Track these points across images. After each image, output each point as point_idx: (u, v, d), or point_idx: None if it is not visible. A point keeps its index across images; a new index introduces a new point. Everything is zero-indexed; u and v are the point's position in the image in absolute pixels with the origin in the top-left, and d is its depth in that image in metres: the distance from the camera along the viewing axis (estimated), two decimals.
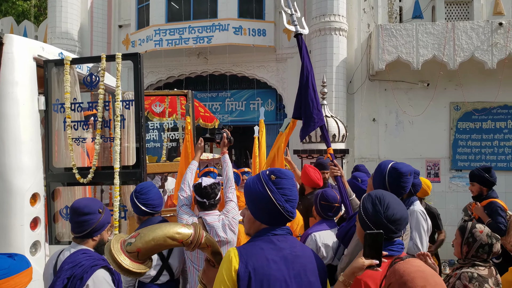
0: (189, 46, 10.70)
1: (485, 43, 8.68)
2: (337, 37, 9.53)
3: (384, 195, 2.02)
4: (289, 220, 1.81)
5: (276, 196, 1.76)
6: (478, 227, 2.65)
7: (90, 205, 2.41)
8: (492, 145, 9.48)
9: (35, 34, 12.67)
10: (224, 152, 3.61)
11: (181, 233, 1.70)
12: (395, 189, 2.61)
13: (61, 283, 2.16)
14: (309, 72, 3.38)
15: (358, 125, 9.88)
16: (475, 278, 2.44)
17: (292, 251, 1.75)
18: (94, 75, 3.68)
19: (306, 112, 3.38)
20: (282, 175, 1.80)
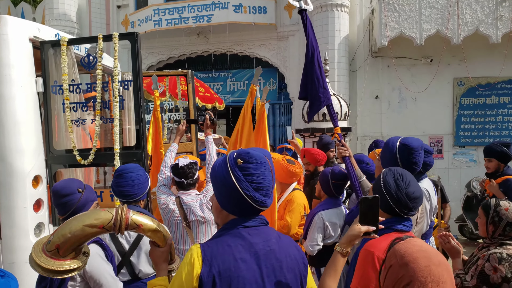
0: (188, 25, 10.56)
1: (489, 17, 8.51)
2: (339, 14, 9.37)
3: (404, 171, 1.98)
4: (261, 210, 1.59)
5: (242, 185, 1.51)
6: (503, 204, 2.50)
7: (68, 186, 2.41)
8: (495, 121, 9.41)
9: (33, 16, 12.53)
10: (207, 133, 3.71)
11: (99, 218, 1.56)
12: (408, 166, 2.53)
13: None
14: (315, 49, 3.24)
15: (361, 102, 9.81)
16: (504, 259, 2.32)
17: (266, 245, 1.54)
18: (92, 56, 3.64)
19: (312, 91, 3.25)
20: (251, 158, 1.54)
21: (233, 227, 1.54)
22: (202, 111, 3.76)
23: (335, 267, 1.70)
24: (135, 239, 2.64)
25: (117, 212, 1.58)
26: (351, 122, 9.41)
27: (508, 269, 2.27)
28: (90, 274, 2.22)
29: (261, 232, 1.56)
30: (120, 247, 2.67)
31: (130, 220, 1.59)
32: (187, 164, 3.18)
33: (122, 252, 2.67)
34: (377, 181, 2.01)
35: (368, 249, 1.83)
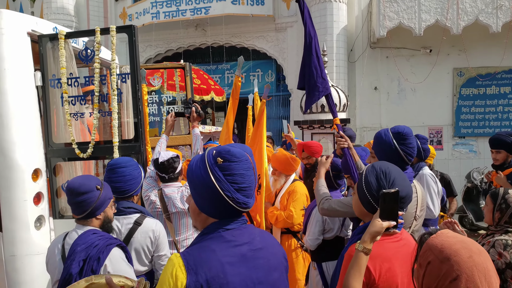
0: (186, 18, 10.53)
1: (489, 6, 8.47)
2: (337, 4, 9.33)
3: (390, 169, 1.87)
4: (243, 212, 1.48)
5: (223, 186, 1.39)
6: (510, 191, 2.57)
7: (85, 183, 2.23)
8: (496, 111, 9.40)
9: (31, 10, 12.49)
10: (194, 126, 3.68)
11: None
12: (409, 153, 2.48)
13: (77, 266, 2.02)
14: (313, 38, 3.15)
15: (360, 94, 9.80)
16: (509, 245, 2.38)
17: (252, 245, 1.44)
18: (90, 49, 3.64)
19: (310, 81, 3.16)
20: (232, 157, 1.41)
21: (214, 231, 1.43)
22: (188, 104, 3.72)
23: (359, 267, 1.62)
24: (126, 235, 2.55)
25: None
26: (350, 113, 9.41)
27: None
28: None
29: (245, 232, 1.46)
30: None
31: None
32: (167, 159, 3.16)
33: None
34: (360, 179, 1.91)
35: (351, 254, 1.74)
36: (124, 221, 2.57)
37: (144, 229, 2.56)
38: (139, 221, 2.57)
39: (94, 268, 2.03)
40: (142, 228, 2.56)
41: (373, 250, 1.69)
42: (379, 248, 1.74)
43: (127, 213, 2.59)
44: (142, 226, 2.57)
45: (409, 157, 2.51)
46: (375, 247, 1.71)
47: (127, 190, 2.62)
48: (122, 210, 2.58)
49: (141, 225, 2.56)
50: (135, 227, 2.56)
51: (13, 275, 3.28)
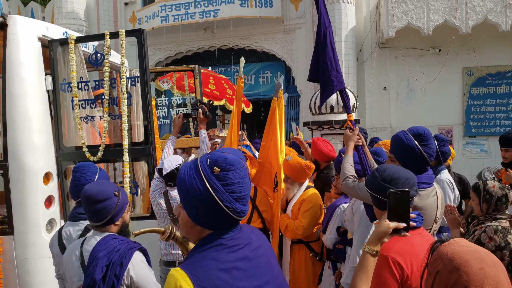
0: (195, 21, 10.59)
1: (498, 5, 8.39)
2: (345, 5, 9.32)
3: (388, 166, 1.93)
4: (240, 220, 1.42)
5: (222, 197, 1.31)
6: (490, 183, 2.82)
7: (104, 190, 2.17)
8: (506, 110, 9.31)
9: (42, 15, 12.66)
10: (201, 127, 3.67)
11: None
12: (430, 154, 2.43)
13: (100, 271, 1.99)
14: (327, 29, 2.95)
15: (369, 94, 9.77)
16: (499, 230, 2.62)
17: (252, 245, 1.40)
18: (100, 53, 3.69)
19: (324, 74, 2.97)
20: (229, 165, 1.33)
21: (213, 241, 1.35)
22: (195, 106, 3.73)
23: (366, 269, 1.57)
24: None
25: None
26: (359, 114, 9.38)
27: (501, 239, 2.59)
28: (137, 285, 2.10)
29: (242, 235, 1.41)
30: (63, 249, 2.42)
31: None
32: (170, 172, 3.15)
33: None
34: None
35: (382, 253, 1.70)
36: (76, 227, 2.50)
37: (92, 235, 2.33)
38: (89, 226, 2.41)
39: (118, 273, 2.01)
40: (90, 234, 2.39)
41: (402, 246, 1.67)
42: (407, 244, 1.70)
43: (80, 218, 2.49)
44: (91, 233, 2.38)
45: (430, 158, 2.46)
46: (402, 243, 1.67)
47: (77, 195, 2.45)
48: (75, 216, 2.53)
49: (90, 230, 2.35)
50: (84, 232, 2.45)
51: (25, 278, 3.33)
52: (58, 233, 2.53)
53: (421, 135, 2.44)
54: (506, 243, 2.57)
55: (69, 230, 2.49)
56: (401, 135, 2.49)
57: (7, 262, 3.30)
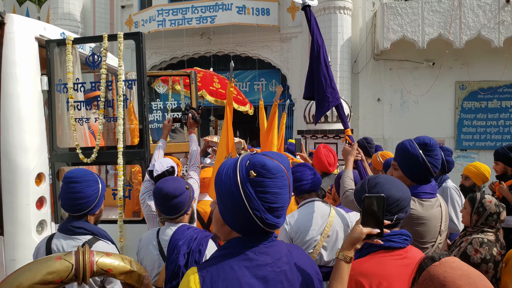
0: (192, 26, 10.62)
1: (492, 21, 8.54)
2: (342, 16, 9.41)
3: (379, 178, 1.80)
4: (272, 232, 1.33)
5: (252, 204, 1.24)
6: (487, 197, 2.83)
7: (178, 186, 2.32)
8: (497, 125, 9.43)
9: (37, 15, 12.60)
10: (191, 132, 3.68)
11: (55, 271, 1.28)
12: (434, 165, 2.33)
13: (183, 258, 2.12)
14: (321, 47, 3.00)
15: (363, 105, 9.84)
16: (485, 243, 2.65)
17: (276, 266, 1.30)
18: (97, 55, 3.67)
19: (319, 91, 3.00)
20: (267, 172, 1.24)
21: (237, 247, 1.30)
22: (185, 110, 3.74)
23: (341, 276, 1.50)
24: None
25: (78, 259, 1.31)
26: (353, 124, 9.44)
27: (487, 252, 2.62)
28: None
29: (270, 250, 1.31)
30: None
31: (95, 266, 1.34)
32: (161, 173, 3.09)
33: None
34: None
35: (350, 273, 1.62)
36: (72, 242, 2.22)
37: None
38: (88, 244, 2.21)
39: (197, 259, 2.14)
40: None
41: (371, 266, 1.62)
42: (378, 265, 1.64)
43: (76, 233, 2.24)
44: None
45: (435, 169, 2.36)
46: (373, 263, 1.63)
47: (78, 208, 2.26)
48: (71, 229, 2.24)
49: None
50: None
51: None
52: (46, 245, 2.26)
53: (427, 144, 2.35)
54: (491, 255, 2.61)
55: (62, 244, 2.24)
56: (407, 143, 2.42)
57: None
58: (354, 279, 1.59)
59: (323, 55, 2.99)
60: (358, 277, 1.60)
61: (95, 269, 1.34)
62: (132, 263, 1.45)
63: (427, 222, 2.15)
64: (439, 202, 2.35)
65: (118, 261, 1.41)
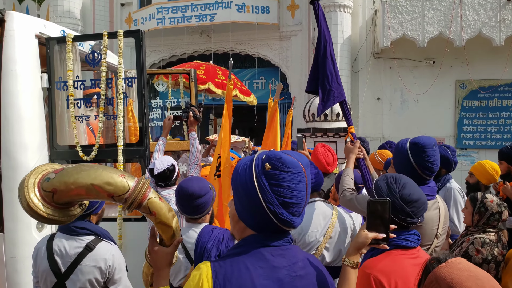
0: (191, 24, 10.60)
1: (493, 19, 8.53)
2: (342, 14, 9.39)
3: (401, 176, 1.79)
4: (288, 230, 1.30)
5: (266, 197, 1.22)
6: (489, 197, 2.80)
7: (203, 185, 2.33)
8: (498, 124, 9.42)
9: (37, 13, 12.57)
10: (191, 130, 3.68)
11: (114, 184, 1.28)
12: (425, 166, 2.27)
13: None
14: (328, 42, 2.95)
15: (363, 103, 9.83)
16: (487, 243, 2.63)
17: (291, 270, 1.26)
18: (97, 53, 3.67)
19: (324, 85, 2.94)
20: (282, 165, 1.23)
21: (252, 245, 1.27)
22: (186, 108, 3.74)
23: (348, 282, 1.48)
24: (73, 261, 2.20)
25: (136, 186, 1.31)
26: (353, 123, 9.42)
27: (489, 252, 2.60)
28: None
29: (287, 253, 1.28)
30: (55, 267, 2.20)
31: (146, 201, 1.33)
32: (162, 172, 3.15)
33: (57, 273, 2.20)
34: (371, 188, 1.84)
35: (366, 271, 1.62)
36: (74, 243, 2.20)
37: (94, 256, 2.18)
38: (91, 245, 2.21)
39: None
40: (93, 255, 2.19)
41: (388, 264, 1.61)
42: (395, 263, 1.63)
43: (79, 233, 2.22)
44: (93, 253, 2.19)
45: (426, 172, 2.28)
46: (389, 261, 1.62)
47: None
48: (73, 229, 2.21)
49: (93, 250, 2.19)
50: (85, 252, 2.19)
51: (14, 277, 3.27)
52: (47, 245, 2.23)
53: (417, 144, 2.29)
54: (493, 256, 2.59)
55: (64, 245, 2.20)
56: (400, 143, 2.42)
57: None
58: (372, 277, 1.58)
59: (330, 50, 2.95)
60: (377, 274, 1.58)
61: (143, 203, 1.33)
62: (174, 221, 1.43)
63: (422, 225, 2.06)
64: (437, 204, 2.31)
65: (165, 210, 1.39)
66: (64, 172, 1.29)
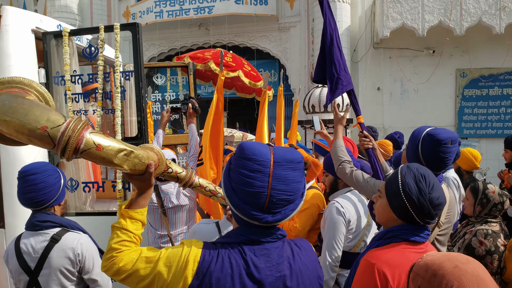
0: (190, 17, 10.55)
1: (493, 7, 8.46)
2: (341, 4, 9.34)
3: (426, 171, 1.66)
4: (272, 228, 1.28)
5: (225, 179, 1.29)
6: (490, 187, 2.77)
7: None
8: (498, 112, 9.39)
9: (34, 8, 12.51)
10: (190, 122, 3.67)
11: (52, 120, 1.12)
12: (432, 162, 2.14)
13: None
14: (334, 31, 2.90)
15: (362, 94, 9.80)
16: (489, 235, 2.61)
17: (275, 270, 1.25)
18: (94, 47, 3.65)
19: (332, 74, 2.89)
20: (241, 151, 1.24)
21: (237, 238, 1.26)
22: (185, 100, 3.74)
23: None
24: (40, 256, 2.14)
25: (68, 124, 1.13)
26: (352, 113, 9.40)
27: (492, 243, 2.57)
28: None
29: (271, 252, 1.26)
30: (24, 265, 2.14)
31: (83, 143, 1.14)
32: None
33: (28, 271, 2.15)
34: (394, 180, 1.68)
35: (370, 261, 1.59)
36: (40, 237, 2.14)
37: (61, 247, 2.12)
38: (56, 237, 2.14)
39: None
40: (59, 246, 2.12)
41: (394, 257, 1.58)
42: (401, 256, 1.59)
43: (43, 227, 2.15)
44: (60, 244, 2.12)
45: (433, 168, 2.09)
46: (396, 254, 1.59)
47: (42, 200, 2.16)
48: (37, 224, 2.15)
49: (58, 242, 2.12)
50: (51, 244, 2.12)
51: None
52: (15, 246, 2.18)
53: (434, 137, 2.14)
54: (496, 247, 2.56)
55: (30, 242, 2.14)
56: (416, 131, 2.29)
57: None
58: (376, 268, 1.56)
59: (336, 39, 2.91)
60: (381, 266, 1.56)
61: (81, 146, 1.14)
62: (128, 145, 1.26)
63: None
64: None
65: (111, 141, 1.22)
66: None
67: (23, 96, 1.17)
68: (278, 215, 1.23)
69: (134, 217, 1.34)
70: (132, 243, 1.32)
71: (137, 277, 1.24)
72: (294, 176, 1.24)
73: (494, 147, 8.87)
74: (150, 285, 1.23)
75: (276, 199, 1.21)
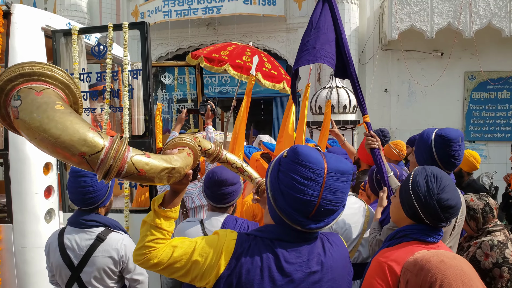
0: (198, 16, 10.57)
1: (503, 10, 8.39)
2: (349, 6, 9.32)
3: (442, 174, 1.67)
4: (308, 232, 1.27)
5: (271, 180, 1.27)
6: (466, 197, 2.62)
7: (235, 175, 2.28)
8: (507, 116, 9.31)
9: (44, 6, 12.61)
10: (208, 123, 3.71)
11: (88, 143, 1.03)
12: (447, 161, 2.18)
13: None
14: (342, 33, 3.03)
15: (370, 95, 9.77)
16: (496, 246, 2.45)
17: (306, 266, 1.26)
18: (102, 45, 3.68)
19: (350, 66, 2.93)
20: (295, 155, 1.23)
21: (271, 234, 1.28)
22: (204, 102, 3.77)
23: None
24: (85, 253, 2.22)
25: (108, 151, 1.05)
26: (360, 115, 9.37)
27: (499, 255, 2.39)
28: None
29: (302, 248, 1.28)
30: (68, 261, 2.23)
31: (125, 170, 1.08)
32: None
33: (71, 267, 2.23)
34: (407, 179, 1.71)
35: (380, 259, 1.61)
36: (85, 235, 2.23)
37: (106, 247, 2.21)
38: (101, 236, 2.23)
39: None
40: (104, 246, 2.21)
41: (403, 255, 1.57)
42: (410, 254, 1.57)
43: (88, 226, 2.24)
44: (105, 243, 2.21)
45: (447, 167, 2.19)
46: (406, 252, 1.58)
47: (89, 203, 2.25)
48: (82, 222, 2.24)
49: (104, 241, 2.22)
50: (96, 243, 2.21)
51: (23, 267, 3.32)
52: (58, 240, 2.26)
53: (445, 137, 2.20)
54: (504, 258, 2.40)
55: (75, 238, 2.23)
56: (425, 132, 2.32)
57: (5, 250, 3.30)
58: (386, 265, 1.56)
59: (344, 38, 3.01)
60: (391, 264, 1.56)
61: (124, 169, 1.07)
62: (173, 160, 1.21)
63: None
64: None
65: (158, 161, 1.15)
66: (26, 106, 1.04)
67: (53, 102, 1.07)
68: (321, 223, 1.25)
69: (169, 216, 1.35)
70: (165, 239, 1.34)
71: (173, 269, 1.29)
72: (344, 187, 1.25)
73: (502, 151, 8.80)
74: (185, 275, 1.28)
75: (324, 208, 1.22)
